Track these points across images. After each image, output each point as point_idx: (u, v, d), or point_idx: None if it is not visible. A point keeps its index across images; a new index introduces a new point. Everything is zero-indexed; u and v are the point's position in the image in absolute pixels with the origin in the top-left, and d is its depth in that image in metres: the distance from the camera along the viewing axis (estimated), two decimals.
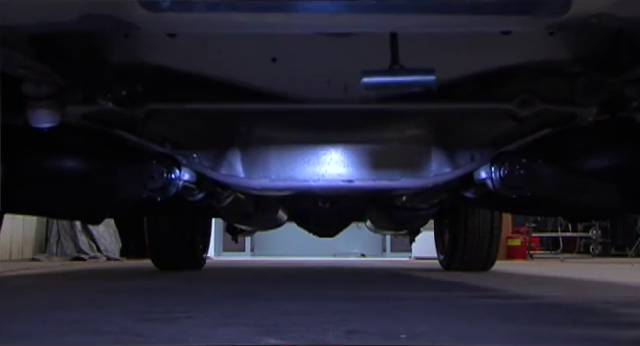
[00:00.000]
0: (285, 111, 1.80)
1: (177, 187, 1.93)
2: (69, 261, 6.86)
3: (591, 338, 1.44)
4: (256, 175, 1.88)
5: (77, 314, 1.80)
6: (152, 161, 1.88)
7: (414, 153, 1.87)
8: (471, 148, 1.89)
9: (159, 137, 1.90)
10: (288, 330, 1.51)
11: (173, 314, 1.75)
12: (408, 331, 1.47)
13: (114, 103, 1.73)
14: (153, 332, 1.44)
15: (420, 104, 1.78)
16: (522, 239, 8.77)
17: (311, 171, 1.87)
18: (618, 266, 5.98)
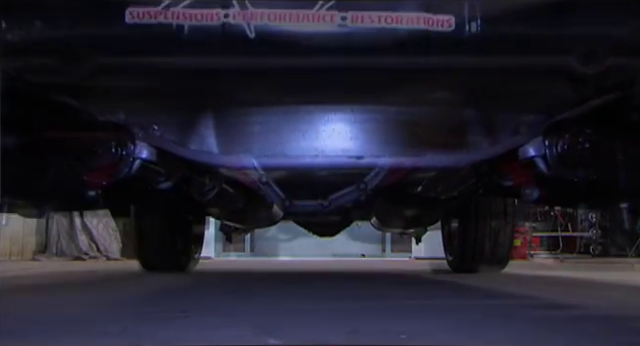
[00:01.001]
0: (273, 68, 1.27)
1: (131, 167, 1.43)
2: (70, 261, 6.79)
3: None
4: (235, 150, 1.37)
5: (76, 314, 1.77)
6: (95, 132, 1.39)
7: (443, 122, 1.36)
8: (516, 116, 1.39)
9: (108, 102, 1.40)
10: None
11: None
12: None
13: (54, 55, 1.21)
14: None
15: (450, 57, 1.24)
16: (522, 240, 8.68)
17: (307, 145, 1.36)
18: (616, 266, 5.81)
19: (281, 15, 0.98)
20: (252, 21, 0.98)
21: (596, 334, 1.59)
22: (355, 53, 1.02)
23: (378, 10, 0.98)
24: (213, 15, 0.99)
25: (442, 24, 0.99)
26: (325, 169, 1.55)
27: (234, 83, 1.13)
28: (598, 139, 1.49)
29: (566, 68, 1.30)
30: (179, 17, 0.98)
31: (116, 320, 1.61)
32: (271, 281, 3.78)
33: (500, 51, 1.15)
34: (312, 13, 0.97)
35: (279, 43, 1.01)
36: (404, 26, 0.98)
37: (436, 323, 1.66)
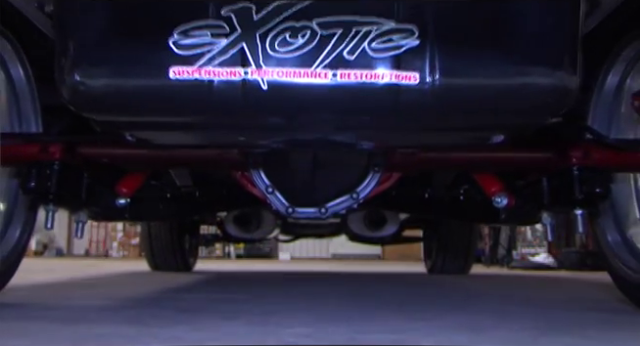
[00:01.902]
0: (282, 109, 1.52)
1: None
2: (70, 260, 7.42)
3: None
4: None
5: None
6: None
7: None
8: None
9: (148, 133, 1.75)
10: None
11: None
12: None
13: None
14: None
15: (414, 103, 1.45)
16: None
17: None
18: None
19: (287, 72, 1.34)
20: (265, 76, 1.34)
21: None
22: (342, 99, 1.38)
23: (359, 68, 1.34)
24: (236, 72, 1.35)
25: (408, 79, 1.35)
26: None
27: (251, 119, 1.49)
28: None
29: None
30: (210, 74, 1.34)
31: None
32: (271, 280, 4.03)
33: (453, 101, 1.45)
34: (311, 70, 1.33)
35: (285, 92, 1.37)
36: (380, 81, 1.35)
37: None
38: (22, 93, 2.24)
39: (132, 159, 2.06)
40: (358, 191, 2.09)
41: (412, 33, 1.34)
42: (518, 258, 9.25)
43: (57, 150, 1.96)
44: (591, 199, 1.99)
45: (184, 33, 1.34)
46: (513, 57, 1.38)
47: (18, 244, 2.25)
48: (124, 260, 10.73)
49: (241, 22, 1.34)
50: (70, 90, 1.41)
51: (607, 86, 2.27)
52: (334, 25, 1.34)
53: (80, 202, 2.11)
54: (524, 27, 1.38)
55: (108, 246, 12.72)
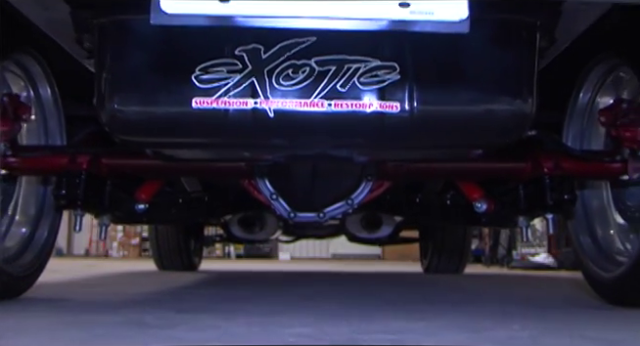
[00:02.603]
0: (285, 132, 1.79)
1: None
2: (71, 260, 7.36)
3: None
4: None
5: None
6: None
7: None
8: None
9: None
10: None
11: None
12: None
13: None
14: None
15: (396, 128, 1.76)
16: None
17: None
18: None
19: (290, 102, 1.65)
20: (272, 106, 1.65)
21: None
22: (337, 124, 1.69)
23: (350, 99, 1.65)
24: (247, 102, 1.66)
25: (392, 108, 1.66)
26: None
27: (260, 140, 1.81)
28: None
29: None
30: (226, 104, 1.65)
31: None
32: (271, 280, 4.20)
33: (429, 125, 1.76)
34: (310, 101, 1.64)
35: (288, 118, 1.67)
36: (367, 110, 1.66)
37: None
38: (49, 110, 2.55)
39: (150, 170, 2.38)
40: (353, 197, 2.41)
41: (394, 69, 1.65)
42: (518, 258, 9.46)
43: (84, 161, 2.27)
44: (561, 205, 2.30)
45: (204, 70, 1.65)
46: (478, 88, 1.69)
47: (45, 246, 2.56)
48: (124, 260, 10.94)
49: (251, 61, 1.64)
50: (108, 116, 1.72)
51: (579, 103, 2.58)
52: (329, 63, 1.64)
53: (104, 208, 2.42)
54: (488, 64, 1.68)
55: (108, 246, 13.01)
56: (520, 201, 2.41)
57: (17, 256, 2.41)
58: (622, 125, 2.28)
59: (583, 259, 2.59)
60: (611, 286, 2.37)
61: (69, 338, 1.42)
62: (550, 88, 2.35)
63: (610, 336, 1.57)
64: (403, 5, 1.17)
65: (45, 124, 2.58)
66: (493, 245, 9.95)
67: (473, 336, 1.51)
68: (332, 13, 1.17)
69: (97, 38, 1.72)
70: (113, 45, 1.68)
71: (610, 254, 2.49)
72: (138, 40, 1.68)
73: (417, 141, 1.76)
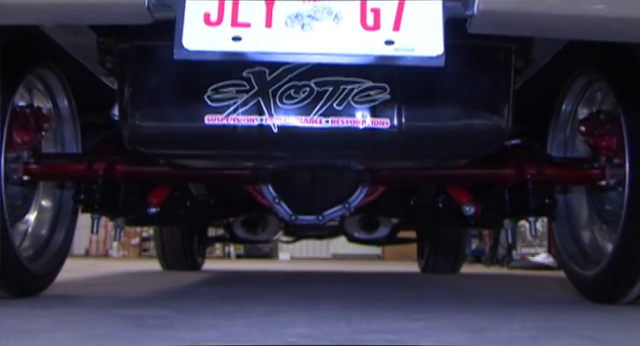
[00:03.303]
0: (288, 144, 2.01)
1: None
2: (71, 259, 7.26)
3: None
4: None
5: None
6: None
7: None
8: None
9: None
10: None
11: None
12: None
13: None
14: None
15: (387, 142, 2.00)
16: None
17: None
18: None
19: (292, 119, 1.90)
20: (276, 122, 1.90)
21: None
22: (333, 137, 1.94)
23: (345, 116, 1.90)
24: (254, 119, 1.90)
25: (382, 124, 1.90)
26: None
27: (265, 153, 2.06)
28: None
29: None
30: (235, 120, 1.89)
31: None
32: (271, 280, 4.29)
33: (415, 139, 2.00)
34: (309, 118, 1.89)
35: (290, 134, 1.92)
36: (360, 126, 1.90)
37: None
38: (65, 119, 2.80)
39: (162, 176, 2.63)
40: (350, 201, 2.66)
41: (384, 90, 1.89)
42: (518, 258, 9.66)
43: (100, 167, 2.52)
44: (542, 208, 2.54)
45: (215, 90, 1.89)
46: (459, 106, 1.93)
47: (62, 246, 2.81)
48: (124, 260, 11.09)
49: (257, 82, 1.89)
50: (130, 131, 1.96)
51: (562, 114, 2.83)
52: (326, 84, 1.88)
53: (118, 211, 2.67)
54: (467, 85, 1.92)
55: (108, 246, 13.26)
56: (505, 205, 2.66)
57: (37, 256, 2.66)
58: (599, 135, 2.53)
59: (566, 259, 2.84)
60: (590, 284, 2.61)
61: (70, 338, 1.43)
62: (536, 99, 2.61)
63: (610, 336, 1.58)
64: (388, 43, 1.41)
65: (62, 133, 2.83)
66: (493, 245, 10.15)
67: (473, 336, 1.52)
68: (328, 50, 1.40)
69: (119, 61, 1.96)
70: (133, 67, 1.93)
71: (589, 254, 2.74)
72: (156, 63, 1.93)
73: (405, 152, 2.01)
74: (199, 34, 1.40)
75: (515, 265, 9.33)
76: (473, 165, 2.40)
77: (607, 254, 2.55)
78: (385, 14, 1.41)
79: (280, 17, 1.40)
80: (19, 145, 2.44)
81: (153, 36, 1.68)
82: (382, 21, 1.41)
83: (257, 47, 1.41)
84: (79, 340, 1.41)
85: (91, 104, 2.74)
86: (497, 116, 1.94)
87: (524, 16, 1.42)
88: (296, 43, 1.41)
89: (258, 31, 1.40)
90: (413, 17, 1.41)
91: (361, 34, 1.41)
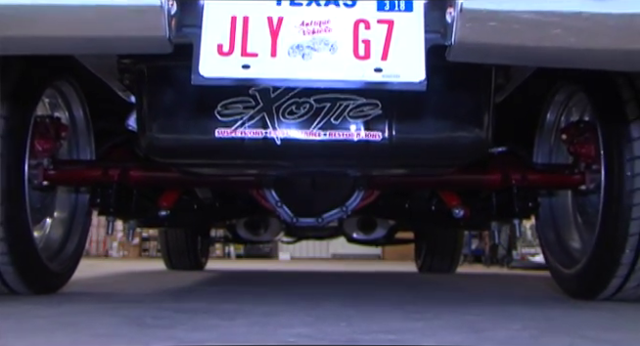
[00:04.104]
0: (290, 154, 2.25)
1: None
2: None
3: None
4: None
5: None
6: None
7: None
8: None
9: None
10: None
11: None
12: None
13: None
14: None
15: (379, 151, 2.25)
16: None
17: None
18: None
19: (294, 132, 2.16)
20: (279, 135, 2.16)
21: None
22: (331, 148, 2.20)
23: (341, 129, 2.16)
24: (259, 132, 2.16)
25: (375, 136, 2.16)
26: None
27: (269, 162, 2.32)
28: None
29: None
30: (242, 133, 2.15)
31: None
32: (271, 280, 4.42)
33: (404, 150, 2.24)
34: (309, 131, 2.15)
35: (292, 145, 2.18)
36: (355, 138, 2.16)
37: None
38: (80, 128, 3.07)
39: (172, 182, 2.89)
40: (347, 204, 2.92)
41: (377, 106, 2.15)
42: (518, 258, 9.92)
43: (115, 173, 2.78)
44: (526, 211, 2.81)
45: (225, 106, 2.15)
46: (444, 120, 2.19)
47: (78, 247, 3.07)
48: (124, 260, 11.35)
49: (263, 99, 2.14)
50: (148, 142, 2.22)
51: (547, 123, 3.10)
52: (324, 101, 2.14)
53: (131, 214, 2.93)
54: (451, 101, 2.18)
55: (108, 246, 13.52)
56: (492, 208, 2.92)
57: (55, 255, 2.92)
58: (579, 143, 2.79)
59: (550, 258, 3.11)
60: (571, 281, 2.88)
61: (70, 339, 1.44)
62: (523, 109, 2.88)
63: (610, 336, 1.60)
64: (377, 70, 1.65)
65: (77, 140, 3.09)
66: (493, 245, 10.41)
67: (472, 336, 1.54)
68: (325, 76, 1.64)
69: (137, 79, 2.22)
70: (150, 85, 2.19)
71: (572, 253, 3.00)
72: (171, 82, 2.18)
73: (395, 161, 2.28)
74: (213, 63, 1.65)
75: (515, 265, 9.56)
76: (461, 171, 2.66)
77: (587, 254, 2.81)
78: (374, 45, 1.67)
79: (283, 47, 1.66)
80: (39, 152, 2.70)
81: (169, 58, 1.93)
82: (372, 51, 1.66)
83: (264, 74, 1.66)
84: (79, 340, 1.42)
85: (103, 111, 3.01)
86: (478, 129, 2.19)
87: (497, 47, 1.66)
88: (297, 70, 1.66)
89: (265, 60, 1.65)
90: (399, 47, 1.66)
91: (354, 63, 1.65)
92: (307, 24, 1.68)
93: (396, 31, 1.68)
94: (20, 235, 2.48)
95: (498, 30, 1.63)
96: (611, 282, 2.60)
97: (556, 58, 1.72)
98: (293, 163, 2.34)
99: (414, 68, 1.66)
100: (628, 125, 2.48)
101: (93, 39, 1.66)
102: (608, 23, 1.62)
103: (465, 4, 1.61)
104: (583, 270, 2.76)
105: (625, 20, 1.63)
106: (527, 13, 1.62)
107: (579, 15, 1.60)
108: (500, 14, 1.62)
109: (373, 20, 1.68)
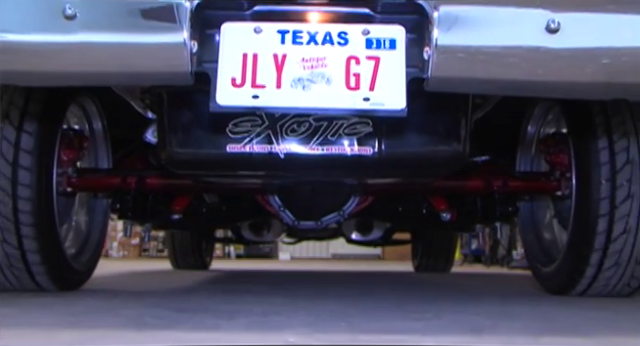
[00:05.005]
0: (292, 165, 2.56)
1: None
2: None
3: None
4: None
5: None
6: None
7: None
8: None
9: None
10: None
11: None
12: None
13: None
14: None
15: (369, 165, 2.60)
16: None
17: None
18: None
19: (295, 147, 2.54)
20: (283, 150, 2.55)
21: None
22: (328, 161, 2.59)
23: (337, 145, 2.55)
24: (265, 148, 2.55)
25: (366, 151, 2.55)
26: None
27: (274, 173, 2.72)
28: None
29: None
30: (250, 149, 2.54)
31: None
32: (271, 279, 4.58)
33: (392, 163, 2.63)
34: (309, 146, 2.51)
35: (294, 159, 2.57)
36: (349, 153, 2.55)
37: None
38: (99, 139, 3.46)
39: (185, 189, 3.28)
40: (344, 209, 3.32)
41: (368, 124, 2.53)
42: (518, 258, 10.16)
43: (132, 181, 3.16)
44: (507, 215, 3.20)
45: (235, 124, 2.53)
46: (427, 136, 2.57)
47: (97, 248, 3.47)
48: (124, 260, 11.75)
49: (268, 118, 2.51)
50: (167, 156, 2.59)
51: (528, 134, 3.49)
52: (322, 120, 2.51)
53: (147, 217, 3.32)
54: (433, 119, 2.55)
55: (108, 246, 13.89)
56: (476, 212, 3.32)
57: (78, 254, 3.31)
58: (555, 153, 3.18)
59: (531, 257, 3.50)
60: (549, 279, 3.27)
61: (70, 339, 1.45)
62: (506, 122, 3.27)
63: (610, 336, 1.63)
64: (366, 99, 2.01)
65: (95, 150, 3.48)
66: (493, 245, 10.73)
67: (473, 336, 1.55)
68: (321, 105, 2.00)
69: (158, 100, 2.60)
70: (170, 106, 2.57)
71: (549, 253, 3.39)
72: (188, 103, 2.57)
73: (385, 172, 2.67)
74: (228, 93, 2.03)
75: (515, 265, 9.81)
76: (448, 178, 3.05)
77: (562, 253, 3.20)
78: (363, 78, 2.04)
79: (287, 80, 2.04)
80: (65, 162, 3.09)
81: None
82: (361, 83, 2.03)
83: (271, 103, 2.04)
84: (79, 340, 1.44)
85: (118, 121, 3.40)
86: (456, 143, 2.57)
87: (468, 80, 2.03)
88: (298, 100, 2.03)
89: (271, 91, 2.03)
90: (384, 80, 2.03)
91: (346, 93, 2.02)
92: (307, 60, 2.06)
93: (382, 66, 2.04)
94: (49, 236, 2.87)
95: (468, 64, 1.98)
96: (582, 279, 2.98)
97: (520, 88, 2.06)
98: (294, 174, 2.74)
99: (396, 98, 2.03)
100: (596, 138, 2.87)
101: (124, 74, 2.03)
102: (560, 56, 1.93)
103: (439, 40, 1.97)
104: (558, 268, 3.15)
105: (576, 53, 1.94)
106: (494, 47, 1.97)
107: (538, 49, 1.93)
108: (471, 48, 1.97)
109: (362, 56, 2.05)
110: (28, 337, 1.50)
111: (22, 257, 2.77)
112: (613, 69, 1.93)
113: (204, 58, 2.02)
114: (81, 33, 1.93)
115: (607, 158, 2.81)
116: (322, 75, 2.05)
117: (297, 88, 2.03)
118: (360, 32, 2.04)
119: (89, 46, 1.94)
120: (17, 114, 2.70)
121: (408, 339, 1.48)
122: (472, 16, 1.96)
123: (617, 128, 2.81)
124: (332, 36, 2.04)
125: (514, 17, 1.96)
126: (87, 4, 1.95)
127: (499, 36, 1.95)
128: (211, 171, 2.72)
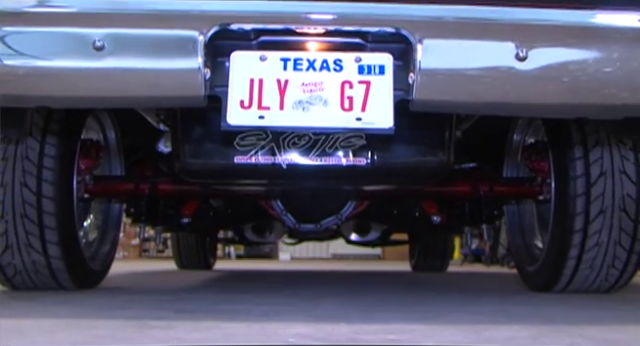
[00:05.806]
0: (293, 174, 2.89)
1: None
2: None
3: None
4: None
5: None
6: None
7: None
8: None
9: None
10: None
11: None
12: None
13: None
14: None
15: (364, 173, 2.95)
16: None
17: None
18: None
19: (297, 159, 2.90)
20: (285, 161, 2.91)
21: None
22: (326, 171, 2.94)
23: (334, 156, 2.91)
24: (269, 159, 2.91)
25: (360, 161, 2.91)
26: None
27: (277, 181, 3.08)
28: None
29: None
30: (256, 160, 2.90)
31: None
32: (271, 279, 4.80)
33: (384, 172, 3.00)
34: (309, 158, 2.86)
35: (296, 169, 2.93)
36: (344, 163, 2.90)
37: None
38: (112, 149, 3.82)
39: (194, 194, 3.64)
40: (342, 213, 3.69)
41: (361, 137, 2.88)
42: None
43: (145, 187, 3.52)
44: (492, 218, 3.56)
45: (242, 138, 2.88)
46: (414, 148, 2.91)
47: (111, 249, 3.83)
48: (125, 261, 11.78)
49: (272, 133, 2.86)
50: (181, 165, 2.94)
51: (514, 142, 3.84)
52: (320, 134, 2.87)
53: (158, 221, 3.69)
54: (420, 133, 2.90)
55: None
56: (465, 215, 3.68)
57: (94, 255, 3.67)
58: (536, 160, 3.53)
59: (517, 257, 3.86)
60: (532, 277, 3.62)
61: (70, 339, 1.46)
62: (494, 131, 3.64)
63: (610, 336, 1.64)
64: (358, 119, 2.34)
65: (109, 158, 3.84)
66: (493, 245, 10.98)
67: (473, 336, 1.57)
68: (319, 124, 2.32)
69: (172, 117, 2.96)
70: (183, 121, 2.92)
71: (533, 253, 3.75)
72: (200, 119, 2.93)
73: (377, 180, 3.03)
74: (237, 114, 2.36)
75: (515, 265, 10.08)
76: (437, 184, 3.41)
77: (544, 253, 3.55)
78: (356, 100, 2.36)
79: (289, 102, 2.37)
80: (83, 170, 3.45)
81: None
82: (354, 104, 2.35)
83: (275, 122, 2.38)
84: (80, 341, 1.45)
85: (130, 131, 3.77)
86: (442, 154, 2.92)
87: (448, 102, 2.34)
88: (299, 120, 2.36)
89: (275, 112, 2.35)
90: (374, 102, 2.35)
91: (340, 114, 2.33)
92: (306, 85, 2.40)
93: (373, 90, 2.35)
94: (69, 238, 3.23)
95: (448, 88, 2.28)
96: (561, 277, 3.32)
97: (495, 108, 2.37)
98: (296, 182, 3.10)
99: (385, 118, 2.36)
100: (572, 147, 3.22)
101: (146, 98, 2.33)
102: (528, 78, 2.20)
103: (423, 66, 2.27)
104: (540, 267, 3.51)
105: (541, 75, 2.21)
106: (471, 72, 2.25)
107: (509, 71, 2.21)
108: (450, 74, 2.24)
109: (355, 81, 2.37)
110: (29, 337, 1.52)
111: (46, 260, 3.11)
112: (572, 91, 2.24)
113: (215, 83, 2.22)
114: (108, 62, 2.22)
115: (582, 166, 3.16)
116: (320, 98, 2.37)
117: (298, 109, 2.34)
118: (353, 59, 2.33)
119: (115, 73, 2.23)
120: (40, 127, 3.03)
121: (408, 339, 1.49)
122: (451, 46, 2.27)
123: (591, 138, 3.16)
124: (328, 63, 2.27)
125: (488, 48, 2.27)
126: (113, 37, 2.25)
127: (475, 63, 2.24)
128: (220, 179, 3.08)
